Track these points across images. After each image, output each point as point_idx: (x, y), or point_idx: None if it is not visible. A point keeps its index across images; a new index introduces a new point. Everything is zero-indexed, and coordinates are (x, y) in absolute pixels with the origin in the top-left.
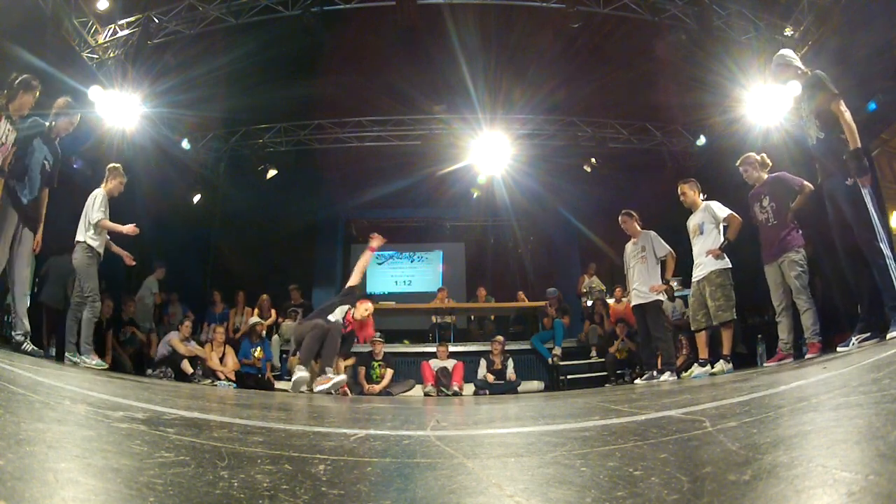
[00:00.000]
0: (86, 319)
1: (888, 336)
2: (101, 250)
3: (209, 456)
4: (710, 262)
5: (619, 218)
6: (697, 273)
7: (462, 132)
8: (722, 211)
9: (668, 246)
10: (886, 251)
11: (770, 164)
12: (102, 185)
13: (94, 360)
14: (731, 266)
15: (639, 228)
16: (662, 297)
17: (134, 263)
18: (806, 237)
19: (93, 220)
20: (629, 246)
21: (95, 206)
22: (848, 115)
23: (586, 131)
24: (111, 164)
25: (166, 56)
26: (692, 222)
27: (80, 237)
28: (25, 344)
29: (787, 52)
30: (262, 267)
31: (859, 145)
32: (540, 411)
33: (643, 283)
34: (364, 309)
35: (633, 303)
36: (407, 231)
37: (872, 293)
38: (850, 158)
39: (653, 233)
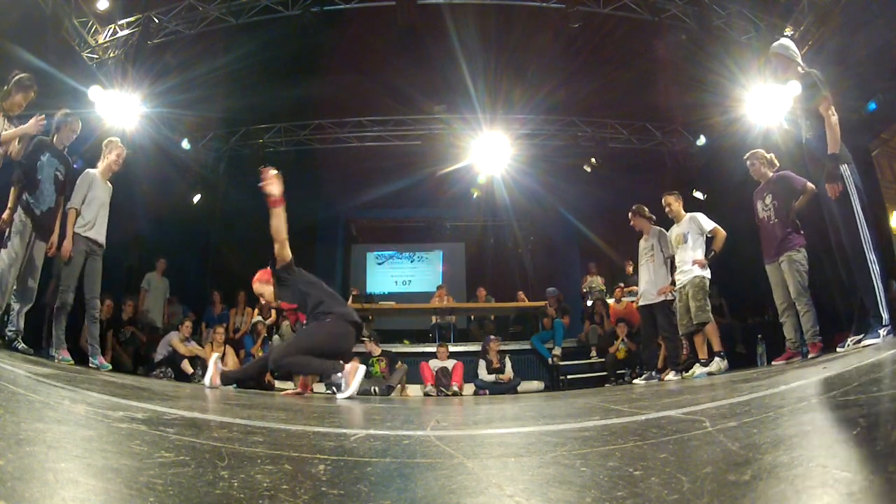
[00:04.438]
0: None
1: (863, 343)
2: (88, 235)
3: (209, 456)
4: (695, 269)
5: (629, 214)
6: (681, 279)
7: (462, 132)
8: (707, 223)
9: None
10: (870, 256)
11: (778, 164)
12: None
13: (95, 360)
14: (710, 277)
15: (649, 225)
16: (670, 296)
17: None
18: (806, 237)
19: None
20: (642, 242)
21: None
22: (834, 119)
23: (586, 131)
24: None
25: (166, 56)
26: (675, 233)
27: None
28: (16, 342)
29: (788, 43)
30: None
31: (837, 151)
32: (540, 411)
33: (649, 283)
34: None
35: (640, 303)
36: (407, 231)
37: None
38: (825, 162)
39: (662, 230)
